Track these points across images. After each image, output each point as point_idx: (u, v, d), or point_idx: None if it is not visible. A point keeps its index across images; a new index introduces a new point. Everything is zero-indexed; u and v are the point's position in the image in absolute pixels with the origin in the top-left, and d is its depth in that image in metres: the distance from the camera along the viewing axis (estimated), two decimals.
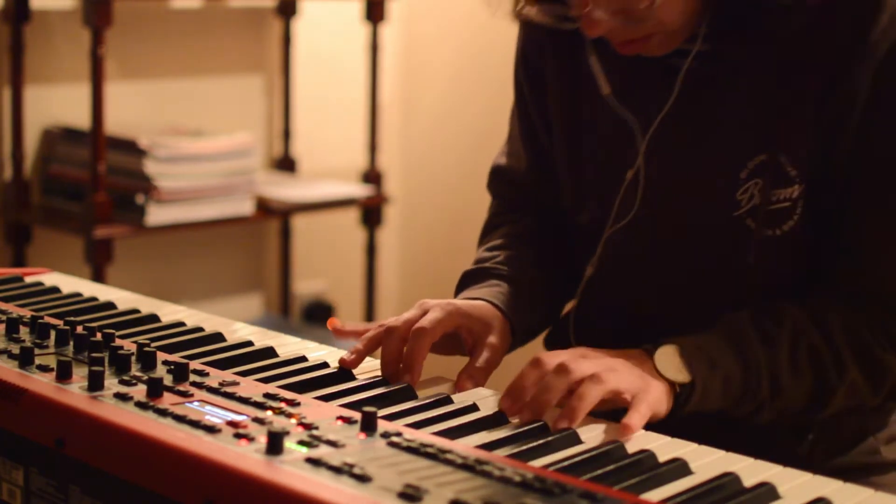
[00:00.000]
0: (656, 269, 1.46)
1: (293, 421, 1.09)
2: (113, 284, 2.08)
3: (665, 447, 1.12)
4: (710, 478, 1.04)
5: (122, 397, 1.13)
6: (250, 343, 1.37)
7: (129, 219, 2.74)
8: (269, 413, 1.11)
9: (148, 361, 1.24)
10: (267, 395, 1.16)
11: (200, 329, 1.42)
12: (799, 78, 1.34)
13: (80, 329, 1.31)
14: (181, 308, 1.54)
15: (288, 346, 1.40)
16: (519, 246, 1.54)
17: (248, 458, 1.00)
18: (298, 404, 1.14)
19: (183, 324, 1.45)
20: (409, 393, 1.26)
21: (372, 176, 3.28)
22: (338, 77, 3.46)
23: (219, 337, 1.40)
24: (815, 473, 1.08)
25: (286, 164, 3.31)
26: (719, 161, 1.39)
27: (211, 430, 1.05)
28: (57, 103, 2.89)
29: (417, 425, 1.13)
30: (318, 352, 1.38)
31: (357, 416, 1.10)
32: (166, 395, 1.15)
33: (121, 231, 2.72)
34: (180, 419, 1.08)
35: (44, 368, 1.21)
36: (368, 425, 1.08)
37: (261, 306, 3.37)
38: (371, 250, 3.33)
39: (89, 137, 2.67)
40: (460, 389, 1.31)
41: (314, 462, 0.99)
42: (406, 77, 3.63)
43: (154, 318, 1.47)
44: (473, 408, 1.21)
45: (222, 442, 1.03)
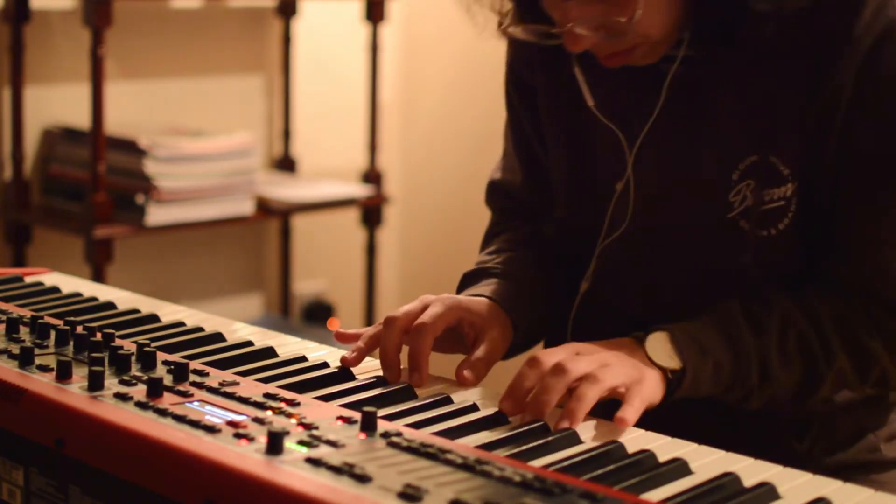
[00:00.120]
0: (652, 278, 1.46)
1: (293, 421, 1.09)
2: (113, 284, 2.08)
3: (665, 447, 1.12)
4: (710, 478, 1.04)
5: (122, 397, 1.13)
6: (250, 343, 1.37)
7: (129, 219, 2.74)
8: (269, 413, 1.11)
9: (148, 361, 1.24)
10: (267, 395, 1.16)
11: (200, 329, 1.42)
12: (784, 76, 1.34)
13: (80, 329, 1.31)
14: (181, 308, 1.54)
15: (288, 346, 1.39)
16: (519, 249, 1.55)
17: (248, 458, 0.99)
18: (298, 404, 1.14)
19: (183, 324, 1.45)
20: (409, 393, 1.26)
21: (372, 176, 3.28)
22: (338, 77, 3.47)
23: (219, 337, 1.40)
24: (816, 470, 1.08)
25: (286, 164, 3.31)
26: (710, 164, 1.39)
27: (211, 430, 1.05)
28: (57, 103, 2.89)
29: (417, 425, 1.13)
30: (318, 352, 1.38)
31: (357, 416, 1.10)
32: (166, 395, 1.15)
33: (121, 231, 2.72)
34: (180, 419, 1.08)
35: (44, 368, 1.20)
36: (368, 425, 1.08)
37: (261, 306, 3.37)
38: (371, 250, 3.33)
39: (89, 137, 2.67)
40: (460, 380, 1.31)
41: (314, 462, 0.99)
42: (406, 77, 3.63)
43: (154, 318, 1.47)
44: (473, 408, 1.21)
45: (222, 442, 1.03)
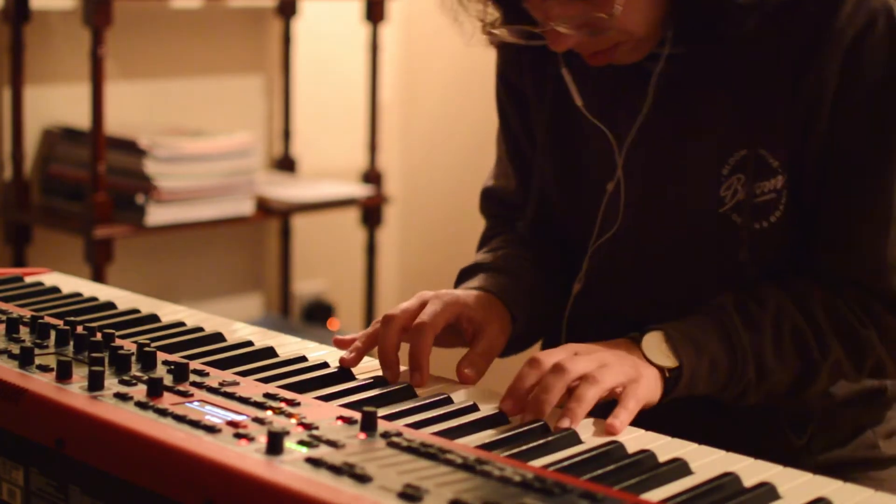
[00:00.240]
0: (645, 277, 1.46)
1: (293, 421, 1.09)
2: (113, 284, 2.08)
3: (665, 447, 1.12)
4: (710, 478, 1.04)
5: (122, 397, 1.13)
6: (250, 343, 1.37)
7: (129, 219, 2.74)
8: (269, 413, 1.11)
9: (148, 361, 1.24)
10: (267, 395, 1.16)
11: (200, 329, 1.42)
12: (769, 70, 1.35)
13: (80, 329, 1.30)
14: (181, 308, 1.54)
15: (288, 346, 1.39)
16: (516, 247, 1.54)
17: (248, 458, 0.99)
18: (298, 404, 1.14)
19: (183, 324, 1.45)
20: (409, 393, 1.26)
21: (372, 176, 3.28)
22: (338, 77, 3.47)
23: (219, 337, 1.40)
24: (814, 466, 1.08)
25: (286, 164, 3.31)
26: (700, 160, 1.39)
27: (211, 430, 1.05)
28: (57, 103, 2.89)
29: (417, 425, 1.13)
30: (318, 352, 1.38)
31: (357, 416, 1.10)
32: (166, 395, 1.15)
33: (121, 231, 2.72)
34: (180, 419, 1.08)
35: (44, 368, 1.20)
36: (368, 425, 1.08)
37: (261, 306, 3.37)
38: (371, 250, 3.33)
39: (89, 137, 2.67)
40: (461, 377, 1.31)
41: (314, 462, 0.99)
42: (406, 77, 3.63)
43: (154, 318, 1.47)
44: (473, 408, 1.21)
45: (222, 442, 1.03)
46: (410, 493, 0.93)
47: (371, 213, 3.30)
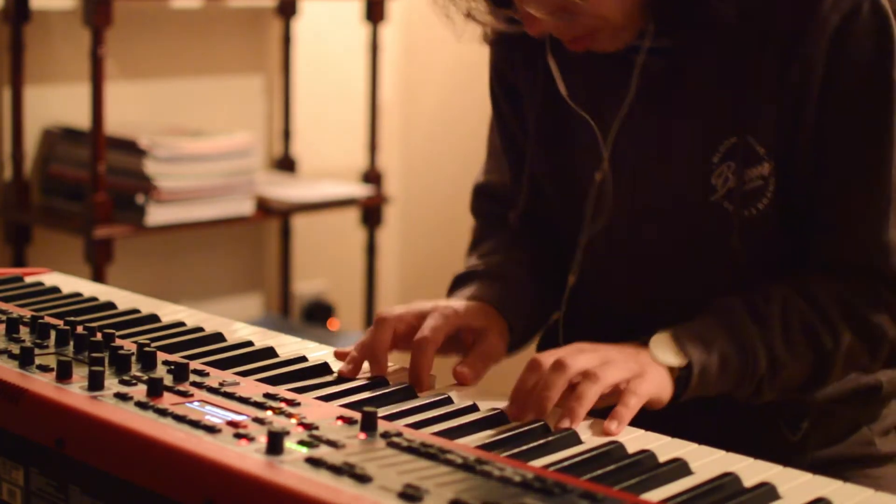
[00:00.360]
0: (639, 267, 1.46)
1: (293, 421, 1.09)
2: (113, 284, 2.08)
3: (665, 447, 1.12)
4: (710, 478, 1.04)
5: (122, 397, 1.13)
6: (250, 343, 1.37)
7: (129, 219, 2.74)
8: (269, 413, 1.11)
9: (148, 361, 1.24)
10: (267, 395, 1.16)
11: (200, 329, 1.42)
12: (755, 58, 1.35)
13: (80, 329, 1.30)
14: (181, 308, 1.54)
15: (288, 346, 1.40)
16: (510, 251, 1.54)
17: (248, 458, 0.99)
18: (298, 404, 1.14)
19: (183, 324, 1.45)
20: (409, 393, 1.26)
21: (372, 176, 3.28)
22: (338, 77, 3.46)
23: (219, 337, 1.40)
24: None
25: (286, 164, 3.31)
26: (690, 149, 1.39)
27: (211, 430, 1.05)
28: (57, 103, 2.89)
29: (417, 425, 1.13)
30: (318, 352, 1.38)
31: (357, 416, 1.10)
32: (166, 395, 1.15)
33: (121, 231, 2.72)
34: (180, 419, 1.08)
35: (44, 368, 1.20)
36: (368, 425, 1.08)
37: (261, 306, 3.37)
38: (371, 250, 3.33)
39: (89, 137, 2.67)
40: (458, 378, 1.31)
41: (314, 462, 0.99)
42: (406, 77, 3.63)
43: (154, 318, 1.47)
44: (473, 408, 1.21)
45: (222, 442, 1.03)
46: (410, 493, 0.93)
47: (371, 213, 3.30)
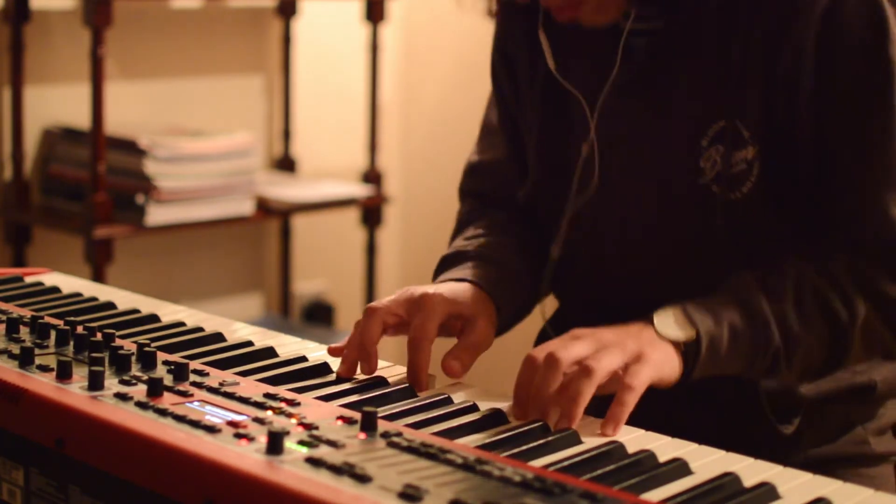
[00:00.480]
0: (622, 244, 1.45)
1: (293, 421, 1.09)
2: (113, 284, 2.08)
3: (665, 447, 1.12)
4: (710, 478, 1.04)
5: (122, 397, 1.13)
6: (250, 343, 1.37)
7: (129, 219, 2.74)
8: (269, 413, 1.11)
9: (148, 361, 1.24)
10: (267, 395, 1.16)
11: (200, 329, 1.42)
12: (743, 41, 1.35)
13: (80, 329, 1.30)
14: (181, 308, 1.54)
15: (288, 346, 1.40)
16: (498, 234, 1.54)
17: (248, 458, 0.99)
18: (298, 404, 1.14)
19: (183, 324, 1.45)
20: (408, 393, 1.26)
21: (372, 176, 3.28)
22: (338, 77, 3.47)
23: (219, 337, 1.40)
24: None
25: (286, 164, 3.31)
26: (679, 131, 1.40)
27: (211, 430, 1.05)
28: (57, 103, 2.89)
29: (417, 425, 1.13)
30: (318, 352, 1.38)
31: (357, 416, 1.10)
32: (166, 395, 1.15)
33: (121, 231, 2.72)
34: (180, 419, 1.08)
35: (44, 368, 1.20)
36: (368, 425, 1.08)
37: (261, 306, 3.37)
38: (371, 250, 3.33)
39: (89, 137, 2.67)
40: (446, 370, 1.30)
41: (314, 462, 0.99)
42: (406, 77, 3.63)
43: (154, 318, 1.47)
44: (473, 408, 1.21)
45: (222, 442, 1.03)
46: (410, 493, 0.93)
47: (371, 213, 3.30)
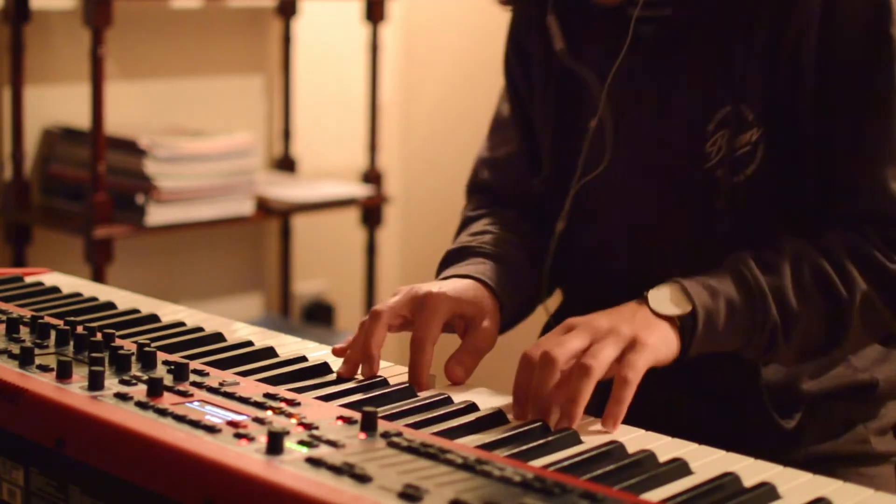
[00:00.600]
0: (625, 223, 1.46)
1: (293, 421, 1.09)
2: (113, 284, 2.08)
3: (665, 447, 1.12)
4: (710, 478, 1.04)
5: (122, 397, 1.13)
6: (250, 343, 1.37)
7: (129, 219, 2.74)
8: (269, 413, 1.11)
9: (148, 361, 1.24)
10: (267, 395, 1.16)
11: (200, 329, 1.42)
12: (748, 24, 1.36)
13: (80, 329, 1.30)
14: (181, 308, 1.54)
15: (288, 346, 1.39)
16: (505, 230, 1.54)
17: (248, 458, 0.99)
18: (298, 404, 1.14)
19: (183, 324, 1.45)
20: (408, 393, 1.26)
21: (372, 176, 3.28)
22: (338, 77, 3.47)
23: (219, 337, 1.40)
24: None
25: (286, 164, 3.31)
26: (685, 115, 1.40)
27: (211, 430, 1.05)
28: (57, 103, 2.89)
29: (417, 425, 1.13)
30: (318, 352, 1.38)
31: (357, 416, 1.10)
32: (166, 395, 1.15)
33: (121, 231, 2.72)
34: (180, 419, 1.08)
35: (44, 368, 1.20)
36: (368, 425, 1.08)
37: (261, 306, 3.37)
38: (371, 250, 3.33)
39: (89, 137, 2.67)
40: (450, 376, 1.31)
41: (314, 462, 0.99)
42: (406, 77, 3.63)
43: (154, 318, 1.47)
44: (473, 408, 1.21)
45: (222, 442, 1.03)
46: (410, 493, 0.93)
47: (371, 213, 3.30)
